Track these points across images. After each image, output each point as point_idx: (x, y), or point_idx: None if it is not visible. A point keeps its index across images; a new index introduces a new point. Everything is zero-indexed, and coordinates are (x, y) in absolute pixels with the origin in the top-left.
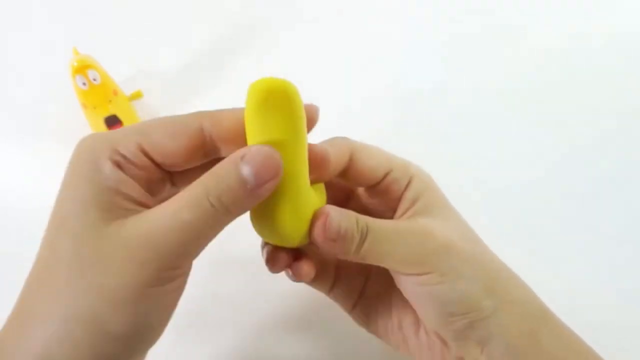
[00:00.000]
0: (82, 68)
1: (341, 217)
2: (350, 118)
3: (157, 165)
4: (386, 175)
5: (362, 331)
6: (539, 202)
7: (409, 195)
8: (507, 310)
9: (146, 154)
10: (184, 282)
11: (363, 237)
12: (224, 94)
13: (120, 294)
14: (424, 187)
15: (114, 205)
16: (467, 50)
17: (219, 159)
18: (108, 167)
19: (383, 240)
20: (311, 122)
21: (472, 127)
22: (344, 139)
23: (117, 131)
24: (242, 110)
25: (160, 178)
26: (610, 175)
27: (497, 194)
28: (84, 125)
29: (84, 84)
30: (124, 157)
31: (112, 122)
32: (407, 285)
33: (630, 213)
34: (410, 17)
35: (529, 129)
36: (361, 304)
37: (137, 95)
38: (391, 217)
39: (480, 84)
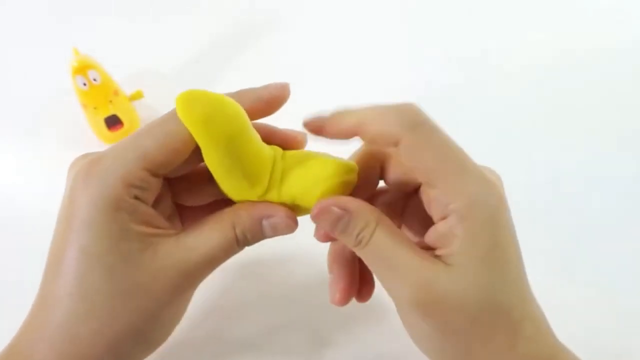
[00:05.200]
0: (83, 68)
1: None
2: None
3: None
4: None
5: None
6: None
7: (439, 231)
8: None
9: (151, 172)
10: None
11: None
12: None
13: (159, 314)
14: (467, 236)
15: (140, 235)
16: (475, 55)
17: None
18: (130, 203)
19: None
20: (279, 100)
21: (480, 133)
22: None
23: (120, 157)
24: None
25: (160, 192)
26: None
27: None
28: (84, 125)
29: (85, 84)
30: (139, 187)
31: (113, 122)
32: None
33: None
34: (418, 17)
35: (542, 135)
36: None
37: (137, 96)
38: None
39: (487, 88)
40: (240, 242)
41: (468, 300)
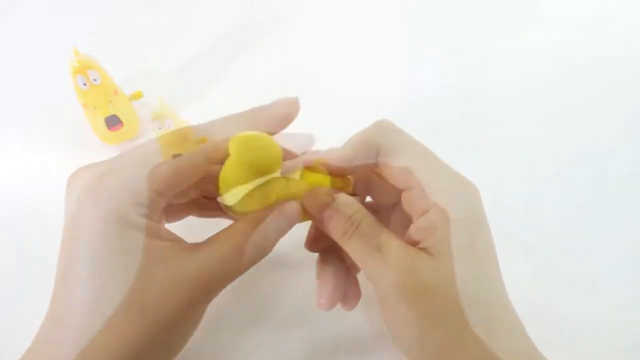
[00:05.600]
0: (83, 68)
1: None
2: (351, 123)
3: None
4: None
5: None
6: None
7: (421, 225)
8: None
9: (159, 194)
10: None
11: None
12: (224, 94)
13: (174, 327)
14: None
15: (151, 250)
16: (474, 56)
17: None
18: (139, 220)
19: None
20: (290, 118)
21: (480, 134)
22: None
23: (129, 175)
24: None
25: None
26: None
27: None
28: (84, 125)
29: (85, 84)
30: (146, 206)
31: (113, 122)
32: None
33: None
34: (418, 17)
35: (539, 133)
36: None
37: (137, 96)
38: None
39: (487, 89)
40: (261, 257)
41: (452, 289)
